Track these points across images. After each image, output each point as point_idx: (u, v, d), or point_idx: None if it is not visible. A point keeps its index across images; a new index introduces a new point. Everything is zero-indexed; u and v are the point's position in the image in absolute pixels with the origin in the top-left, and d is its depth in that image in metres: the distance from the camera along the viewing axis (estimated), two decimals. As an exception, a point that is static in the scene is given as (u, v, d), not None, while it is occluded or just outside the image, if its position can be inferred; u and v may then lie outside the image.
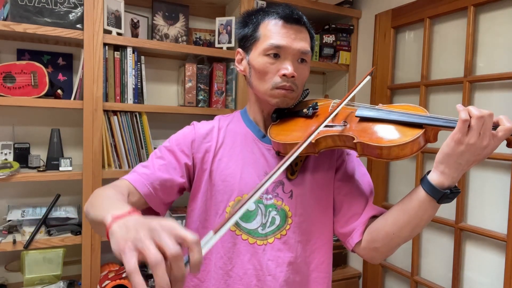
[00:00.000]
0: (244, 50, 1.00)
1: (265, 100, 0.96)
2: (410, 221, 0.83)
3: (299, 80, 0.95)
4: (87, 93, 1.66)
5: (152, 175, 0.93)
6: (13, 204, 1.78)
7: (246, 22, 0.99)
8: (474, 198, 1.70)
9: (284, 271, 0.93)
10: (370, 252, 0.92)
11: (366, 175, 1.03)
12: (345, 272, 2.30)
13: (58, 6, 1.63)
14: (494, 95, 1.63)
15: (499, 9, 1.61)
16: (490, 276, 1.63)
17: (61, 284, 1.69)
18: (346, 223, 0.96)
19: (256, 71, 0.95)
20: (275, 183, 0.95)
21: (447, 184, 0.76)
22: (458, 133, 0.72)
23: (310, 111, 0.94)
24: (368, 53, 2.25)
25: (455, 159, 0.74)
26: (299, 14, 0.96)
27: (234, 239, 0.93)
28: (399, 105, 0.87)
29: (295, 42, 0.93)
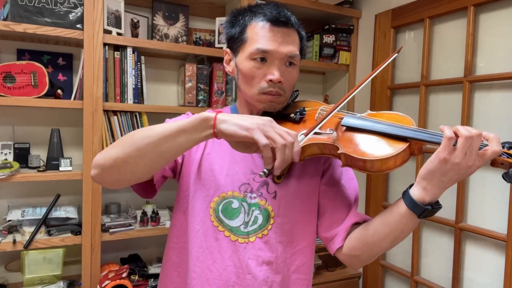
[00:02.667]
0: (232, 51, 0.98)
1: (253, 104, 0.96)
2: (390, 233, 0.84)
3: (287, 84, 0.93)
4: (87, 93, 1.66)
5: None
6: (13, 204, 1.78)
7: (233, 23, 0.96)
8: (474, 198, 1.70)
9: (263, 270, 0.92)
10: (350, 258, 0.93)
11: (352, 179, 1.02)
12: (345, 272, 2.30)
13: (58, 6, 1.63)
14: (494, 95, 1.63)
15: (499, 9, 1.61)
16: (490, 276, 1.63)
17: (61, 284, 1.69)
18: (329, 228, 0.96)
19: (243, 75, 0.93)
20: (260, 182, 0.95)
21: (428, 200, 0.76)
22: (444, 152, 0.71)
23: (298, 116, 0.93)
24: (368, 53, 2.25)
25: (439, 177, 0.73)
26: (287, 15, 0.92)
27: (216, 235, 0.93)
28: (387, 113, 0.86)
29: (282, 46, 0.90)
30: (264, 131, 0.72)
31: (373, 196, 2.18)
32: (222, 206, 0.94)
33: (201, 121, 0.76)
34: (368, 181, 2.22)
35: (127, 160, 0.80)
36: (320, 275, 2.22)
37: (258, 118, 0.74)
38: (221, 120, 0.75)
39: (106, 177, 0.84)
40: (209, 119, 0.76)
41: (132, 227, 1.79)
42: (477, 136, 0.70)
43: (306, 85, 2.53)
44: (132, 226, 1.80)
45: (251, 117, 0.75)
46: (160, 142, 0.78)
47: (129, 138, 0.82)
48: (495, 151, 0.70)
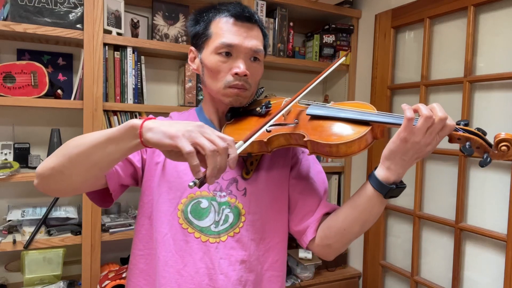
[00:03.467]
0: (196, 49, 0.98)
1: (219, 99, 0.95)
2: (360, 217, 0.85)
3: (252, 79, 0.94)
4: (87, 93, 1.66)
5: None
6: (13, 204, 1.78)
7: (197, 20, 0.97)
8: (474, 198, 1.70)
9: (237, 269, 0.91)
10: (324, 248, 0.94)
11: (321, 172, 1.03)
12: (345, 272, 2.30)
13: (58, 6, 1.63)
14: (494, 95, 1.63)
15: (499, 9, 1.61)
16: (490, 276, 1.63)
17: (61, 284, 1.69)
18: (300, 221, 0.97)
19: (209, 70, 0.93)
20: (229, 180, 0.94)
21: (392, 180, 0.79)
22: (404, 132, 0.74)
23: (263, 109, 0.94)
24: (368, 53, 2.25)
25: (400, 156, 0.76)
26: (250, 12, 0.94)
27: (186, 237, 0.91)
28: (350, 103, 0.89)
29: (247, 40, 0.91)
30: (191, 138, 0.66)
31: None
32: (191, 207, 0.92)
33: (127, 129, 0.71)
34: (368, 181, 2.22)
35: (62, 170, 0.77)
36: (320, 275, 2.22)
37: (188, 124, 0.68)
38: (148, 128, 0.69)
39: (46, 187, 0.82)
40: (135, 127, 0.70)
41: (132, 227, 1.79)
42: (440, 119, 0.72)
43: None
44: (132, 226, 1.80)
45: (181, 123, 0.69)
46: (90, 151, 0.75)
47: (65, 147, 0.79)
48: (450, 126, 0.73)
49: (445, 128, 0.73)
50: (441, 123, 0.72)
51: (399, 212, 2.06)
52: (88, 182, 0.83)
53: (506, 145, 0.72)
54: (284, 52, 2.16)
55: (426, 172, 1.91)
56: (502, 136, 0.72)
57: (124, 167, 0.92)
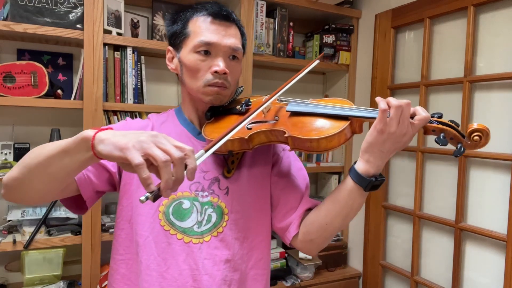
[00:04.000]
0: (174, 48, 0.98)
1: (199, 98, 0.95)
2: (341, 211, 0.87)
3: (232, 77, 0.94)
4: (87, 93, 1.66)
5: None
6: (13, 204, 1.78)
7: (175, 19, 0.97)
8: (474, 198, 1.70)
9: (221, 269, 0.90)
10: (307, 244, 0.95)
11: (302, 169, 1.04)
12: (345, 272, 2.30)
13: (58, 6, 1.63)
14: (494, 95, 1.63)
15: (499, 9, 1.61)
16: (490, 276, 1.63)
17: (61, 284, 1.69)
18: (283, 218, 0.97)
19: (188, 68, 0.93)
20: (210, 179, 0.94)
21: (372, 172, 0.81)
22: (379, 123, 0.77)
23: (243, 107, 0.94)
24: (368, 53, 2.25)
25: (378, 148, 0.79)
26: (228, 10, 0.94)
27: (168, 239, 0.89)
28: (328, 99, 0.91)
29: (225, 39, 0.92)
30: (142, 149, 0.60)
31: (373, 196, 2.18)
32: (173, 208, 0.91)
33: (79, 142, 0.67)
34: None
35: (24, 181, 0.76)
36: (320, 275, 2.22)
37: (141, 134, 0.63)
38: (99, 140, 0.64)
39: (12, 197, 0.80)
40: (87, 139, 0.66)
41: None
42: (406, 105, 0.75)
43: (306, 85, 2.53)
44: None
45: (134, 133, 0.64)
46: (47, 163, 0.72)
47: (26, 157, 0.76)
48: (424, 117, 0.76)
49: (419, 119, 0.76)
50: (408, 108, 0.76)
51: (399, 212, 2.06)
52: (53, 192, 0.80)
53: (478, 135, 0.76)
54: (284, 52, 2.16)
55: (426, 172, 1.91)
56: (475, 126, 0.76)
57: (98, 173, 0.89)
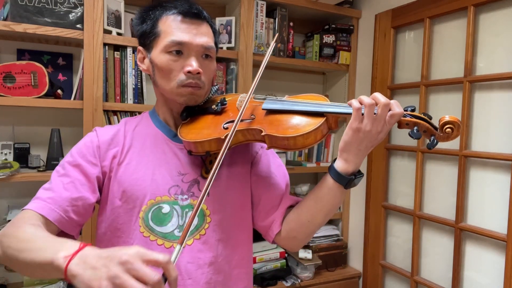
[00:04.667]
0: (144, 48, 0.95)
1: (173, 99, 0.93)
2: (322, 208, 0.88)
3: (206, 77, 0.92)
4: (87, 93, 1.66)
5: (59, 198, 0.83)
6: (13, 204, 1.78)
7: (144, 18, 0.94)
8: (474, 198, 1.70)
9: (205, 272, 0.89)
10: (289, 241, 0.96)
11: (281, 166, 1.04)
12: (345, 272, 2.30)
13: (58, 6, 1.63)
14: (494, 95, 1.63)
15: (499, 9, 1.61)
16: (490, 276, 1.63)
17: (61, 284, 1.69)
18: (265, 216, 0.97)
19: (160, 69, 0.90)
20: (189, 182, 0.92)
21: (351, 170, 0.82)
22: (354, 122, 0.78)
23: (219, 107, 0.93)
24: (368, 53, 2.25)
25: (356, 146, 0.80)
26: (198, 8, 0.91)
27: (148, 246, 0.87)
28: (304, 95, 0.91)
29: (197, 38, 0.89)
30: (116, 285, 0.54)
31: (373, 196, 2.18)
32: (152, 214, 0.89)
33: (53, 268, 0.62)
34: (368, 181, 2.22)
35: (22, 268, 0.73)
36: (320, 275, 2.22)
37: (109, 263, 0.56)
38: (71, 275, 0.59)
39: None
40: (60, 269, 0.61)
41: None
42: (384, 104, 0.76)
43: (306, 85, 2.53)
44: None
45: (104, 265, 0.56)
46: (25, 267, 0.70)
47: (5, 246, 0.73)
48: (399, 113, 0.77)
49: (394, 115, 0.76)
50: (386, 108, 0.76)
51: (399, 212, 2.06)
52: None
53: (450, 127, 0.77)
54: (284, 52, 2.16)
55: (426, 172, 1.91)
56: (447, 119, 0.78)
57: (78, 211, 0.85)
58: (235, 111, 0.92)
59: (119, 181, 0.90)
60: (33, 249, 0.68)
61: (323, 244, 2.30)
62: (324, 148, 2.39)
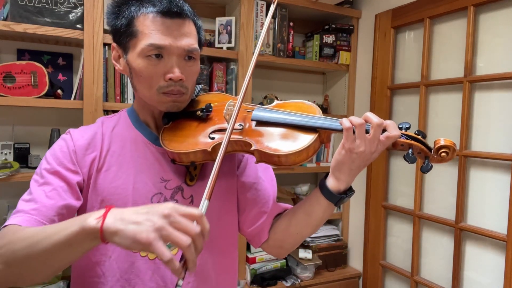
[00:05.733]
0: (120, 47, 0.86)
1: (153, 105, 0.86)
2: (311, 222, 0.88)
3: (189, 81, 0.85)
4: (87, 93, 1.66)
5: (43, 208, 0.77)
6: (13, 204, 1.77)
7: (117, 14, 0.84)
8: (474, 198, 1.70)
9: (191, 281, 0.86)
10: (276, 249, 0.96)
11: (268, 168, 1.00)
12: (345, 272, 2.30)
13: (58, 6, 1.63)
14: (494, 95, 1.63)
15: (499, 9, 1.61)
16: (490, 276, 1.63)
17: (61, 284, 1.69)
18: (251, 223, 0.95)
19: (137, 74, 0.82)
20: (173, 189, 0.87)
21: (343, 188, 0.81)
22: (347, 142, 0.76)
23: (204, 114, 0.87)
24: (368, 53, 2.25)
25: (348, 166, 0.78)
26: (179, 4, 0.81)
27: (131, 258, 0.83)
28: (294, 103, 0.88)
29: (179, 40, 0.80)
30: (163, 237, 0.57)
31: (373, 196, 2.18)
32: None
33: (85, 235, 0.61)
34: (368, 181, 2.22)
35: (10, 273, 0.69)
36: (320, 275, 2.22)
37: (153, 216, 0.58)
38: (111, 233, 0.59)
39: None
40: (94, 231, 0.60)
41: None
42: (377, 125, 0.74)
43: (306, 85, 2.53)
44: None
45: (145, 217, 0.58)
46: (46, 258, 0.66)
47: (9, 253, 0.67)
48: (394, 135, 0.75)
49: (390, 137, 0.75)
50: (380, 129, 0.74)
51: (399, 212, 2.06)
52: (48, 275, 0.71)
53: (445, 151, 0.76)
54: (284, 52, 2.16)
55: (426, 172, 1.91)
56: (442, 143, 0.76)
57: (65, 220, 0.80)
58: (221, 118, 0.87)
59: (97, 189, 0.84)
60: (49, 235, 0.64)
61: (323, 244, 2.30)
62: (324, 148, 2.39)
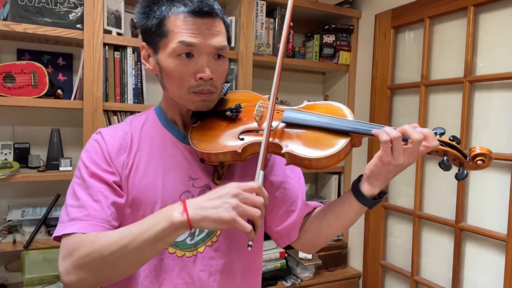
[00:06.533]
0: (150, 46, 0.88)
1: (183, 104, 0.88)
2: (344, 224, 0.89)
3: (218, 80, 0.86)
4: (87, 93, 1.66)
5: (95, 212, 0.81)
6: (13, 204, 1.78)
7: (148, 14, 0.86)
8: (474, 198, 1.70)
9: (217, 279, 0.87)
10: (307, 246, 0.98)
11: (295, 168, 1.00)
12: (345, 272, 2.30)
13: (58, 6, 1.63)
14: (494, 95, 1.63)
15: (499, 9, 1.61)
16: (490, 276, 1.63)
17: (61, 284, 1.69)
18: (280, 222, 0.95)
19: (168, 74, 0.84)
20: (201, 187, 0.89)
21: (377, 193, 0.82)
22: (385, 155, 0.75)
23: (234, 114, 0.88)
24: (368, 53, 2.25)
25: (385, 176, 0.79)
26: (209, 3, 0.82)
27: (160, 254, 0.85)
28: (324, 105, 0.88)
29: (209, 39, 0.81)
30: (240, 213, 0.68)
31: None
32: None
33: (175, 228, 0.69)
34: (368, 181, 2.22)
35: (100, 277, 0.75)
36: (320, 275, 2.22)
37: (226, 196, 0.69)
38: (197, 220, 0.69)
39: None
40: (183, 223, 0.69)
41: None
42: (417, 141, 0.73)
43: (306, 85, 2.53)
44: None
45: (220, 200, 0.69)
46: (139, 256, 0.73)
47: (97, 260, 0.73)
48: (433, 146, 0.75)
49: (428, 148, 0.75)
50: (419, 144, 0.74)
51: (399, 212, 2.06)
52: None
53: (481, 159, 0.75)
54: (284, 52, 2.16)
55: (426, 172, 1.91)
56: (478, 151, 0.76)
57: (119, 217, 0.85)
58: (250, 118, 0.87)
59: (128, 188, 0.87)
60: (138, 235, 0.71)
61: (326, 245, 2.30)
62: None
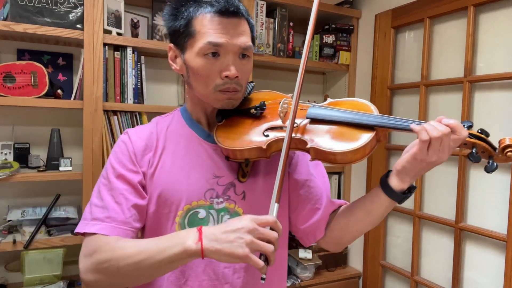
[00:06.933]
0: (177, 47, 0.90)
1: (208, 103, 0.90)
2: (372, 220, 0.89)
3: (243, 79, 0.88)
4: (87, 93, 1.66)
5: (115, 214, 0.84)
6: (13, 204, 1.78)
7: (176, 15, 0.88)
8: (474, 198, 1.70)
9: (242, 276, 0.88)
10: (333, 245, 0.98)
11: (319, 165, 1.01)
12: (345, 272, 2.30)
13: (58, 6, 1.63)
14: (494, 95, 1.63)
15: (499, 9, 1.61)
16: (490, 276, 1.63)
17: (61, 284, 1.69)
18: (305, 220, 0.96)
19: (195, 73, 0.86)
20: (225, 185, 0.90)
21: (406, 187, 0.82)
22: (420, 153, 0.75)
23: (258, 112, 0.89)
24: (368, 53, 2.25)
25: (417, 171, 0.79)
26: (235, 4, 0.85)
27: None
28: (348, 101, 0.87)
29: (235, 38, 0.84)
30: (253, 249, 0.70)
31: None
32: (188, 219, 0.88)
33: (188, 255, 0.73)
34: (368, 181, 2.22)
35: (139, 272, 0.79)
36: (320, 275, 2.22)
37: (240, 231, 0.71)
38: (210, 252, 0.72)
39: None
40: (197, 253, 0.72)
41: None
42: (445, 135, 0.73)
43: (306, 85, 2.53)
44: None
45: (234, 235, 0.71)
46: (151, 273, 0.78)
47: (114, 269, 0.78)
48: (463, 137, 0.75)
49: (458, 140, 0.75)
50: (449, 137, 0.74)
51: (399, 212, 2.06)
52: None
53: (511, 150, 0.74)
54: (284, 52, 2.16)
55: (426, 172, 1.91)
56: (508, 142, 0.74)
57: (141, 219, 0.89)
58: (274, 116, 0.88)
59: (154, 186, 0.89)
60: (152, 255, 0.75)
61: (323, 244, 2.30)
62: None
